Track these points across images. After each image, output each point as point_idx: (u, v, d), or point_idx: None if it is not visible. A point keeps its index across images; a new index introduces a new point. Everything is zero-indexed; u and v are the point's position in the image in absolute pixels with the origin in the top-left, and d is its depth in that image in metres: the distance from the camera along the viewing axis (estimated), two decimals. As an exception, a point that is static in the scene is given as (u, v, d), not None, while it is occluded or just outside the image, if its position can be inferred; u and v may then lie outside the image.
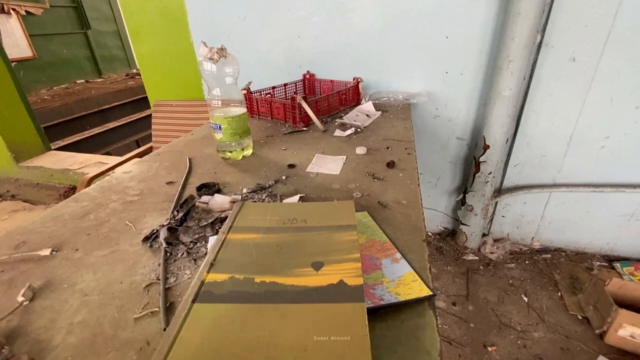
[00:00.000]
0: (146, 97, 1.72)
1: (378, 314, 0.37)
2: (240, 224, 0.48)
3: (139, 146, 3.61)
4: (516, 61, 1.10)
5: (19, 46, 4.08)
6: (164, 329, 0.36)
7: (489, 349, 1.10)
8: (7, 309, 0.39)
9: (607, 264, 1.44)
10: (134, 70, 5.50)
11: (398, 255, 0.45)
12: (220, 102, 0.74)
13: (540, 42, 1.14)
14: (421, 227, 0.52)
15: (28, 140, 2.36)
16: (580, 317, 1.20)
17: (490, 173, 1.33)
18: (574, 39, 1.12)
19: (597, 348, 1.09)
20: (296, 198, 0.60)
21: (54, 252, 0.49)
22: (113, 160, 2.28)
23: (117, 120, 3.57)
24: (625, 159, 1.26)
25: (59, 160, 2.28)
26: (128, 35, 1.61)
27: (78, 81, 4.79)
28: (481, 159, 1.31)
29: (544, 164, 1.37)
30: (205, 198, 0.60)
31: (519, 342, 1.12)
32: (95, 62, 5.10)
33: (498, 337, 1.15)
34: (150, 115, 1.63)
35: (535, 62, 1.18)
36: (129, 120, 3.61)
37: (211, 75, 0.72)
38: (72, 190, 2.13)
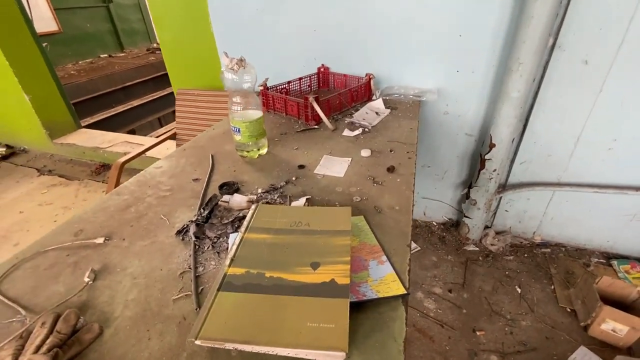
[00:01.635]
0: (166, 73, 1.81)
1: (361, 306, 0.46)
2: (255, 224, 0.58)
3: (161, 124, 3.76)
4: (526, 64, 1.12)
5: (44, 19, 4.20)
6: (196, 309, 0.47)
7: (478, 333, 1.21)
8: (76, 287, 0.51)
9: (604, 261, 1.49)
10: (154, 45, 5.58)
11: (384, 257, 0.54)
12: (239, 108, 0.82)
13: (553, 45, 1.15)
14: (407, 233, 0.61)
15: (60, 118, 2.52)
16: (569, 310, 1.28)
17: (494, 170, 1.38)
18: (588, 42, 1.12)
19: (580, 339, 1.17)
20: (303, 200, 0.69)
21: (107, 241, 0.60)
22: (138, 139, 2.43)
23: (140, 98, 3.71)
24: (631, 162, 1.28)
25: (90, 138, 2.44)
26: (151, 17, 1.67)
27: (102, 55, 4.93)
28: (486, 157, 1.36)
29: (550, 162, 1.40)
30: (226, 197, 0.70)
31: (506, 328, 1.22)
32: (117, 36, 5.20)
33: (488, 323, 1.25)
34: (170, 93, 1.73)
35: (547, 63, 1.19)
36: (152, 98, 3.74)
37: (232, 82, 0.80)
38: (103, 167, 2.30)
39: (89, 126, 2.81)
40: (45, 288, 0.51)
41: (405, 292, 0.48)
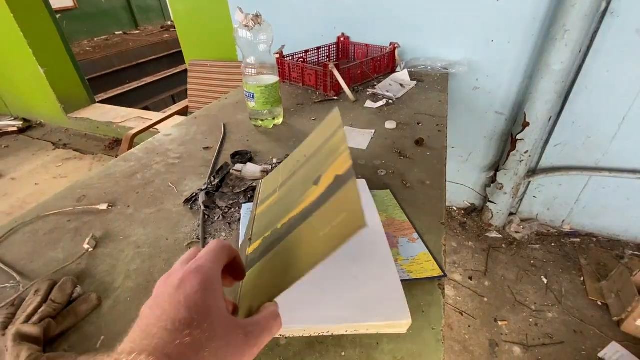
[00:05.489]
0: (181, 51, 1.75)
1: (391, 288, 0.40)
2: (263, 196, 0.52)
3: (174, 101, 3.72)
4: (573, 31, 1.00)
5: (60, -5, 4.14)
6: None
7: (500, 323, 1.14)
8: (75, 254, 0.47)
9: (640, 254, 1.39)
10: (169, 23, 5.49)
11: (415, 235, 0.48)
12: (254, 71, 0.75)
13: (605, 10, 1.02)
14: (442, 209, 0.53)
15: (75, 92, 2.50)
16: (600, 304, 1.19)
17: (526, 152, 1.27)
18: (647, 7, 0.99)
19: (611, 334, 1.09)
20: (323, 171, 0.62)
21: (110, 207, 0.56)
22: (151, 115, 2.40)
23: (154, 75, 3.67)
24: (683, 145, 1.16)
25: (103, 113, 2.42)
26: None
27: (116, 32, 4.88)
28: (518, 137, 1.25)
29: (588, 145, 1.28)
30: (238, 166, 0.64)
31: (530, 320, 1.15)
32: (132, 13, 5.14)
33: (510, 313, 1.18)
34: (184, 71, 1.67)
35: (595, 32, 1.07)
36: (165, 75, 3.69)
37: (246, 42, 0.73)
38: (116, 142, 2.29)
39: (103, 102, 2.79)
40: (43, 254, 0.47)
41: (442, 274, 0.42)
